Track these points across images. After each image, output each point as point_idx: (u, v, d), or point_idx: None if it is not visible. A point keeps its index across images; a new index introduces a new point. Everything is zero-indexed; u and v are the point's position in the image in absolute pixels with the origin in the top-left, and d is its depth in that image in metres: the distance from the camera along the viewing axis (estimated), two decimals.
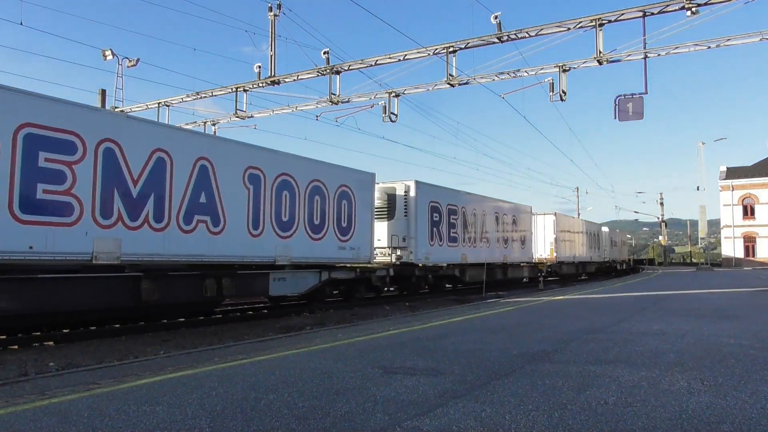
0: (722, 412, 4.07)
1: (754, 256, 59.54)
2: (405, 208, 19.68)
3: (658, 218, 75.75)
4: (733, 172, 62.31)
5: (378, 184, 19.35)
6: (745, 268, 48.48)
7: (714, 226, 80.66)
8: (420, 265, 19.90)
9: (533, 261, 31.27)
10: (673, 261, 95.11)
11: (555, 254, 32.89)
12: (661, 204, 73.59)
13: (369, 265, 17.85)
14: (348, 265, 17.02)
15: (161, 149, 11.49)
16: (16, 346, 9.74)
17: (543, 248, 32.95)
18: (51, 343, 10.16)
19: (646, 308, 12.78)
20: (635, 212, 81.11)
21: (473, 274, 23.71)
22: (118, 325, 12.01)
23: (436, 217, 20.98)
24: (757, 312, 11.99)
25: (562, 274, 34.76)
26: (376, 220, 18.89)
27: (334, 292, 17.68)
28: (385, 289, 19.60)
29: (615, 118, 16.79)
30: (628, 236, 71.43)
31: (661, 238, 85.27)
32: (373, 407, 4.25)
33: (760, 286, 22.37)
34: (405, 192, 19.83)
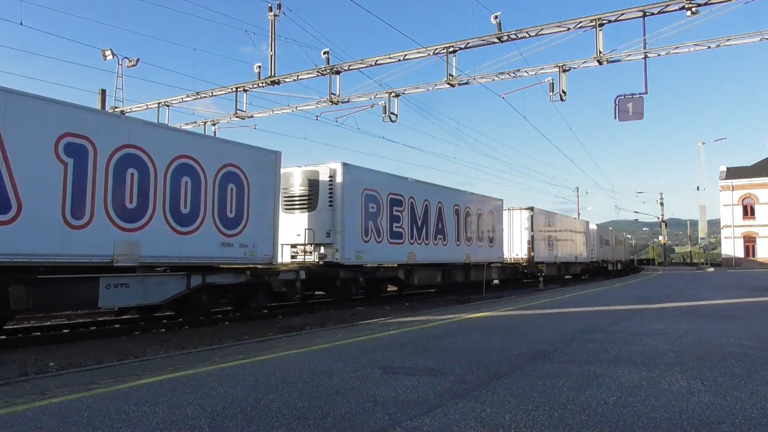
0: (722, 412, 4.07)
1: (754, 256, 59.54)
2: (330, 197, 16.40)
3: (658, 218, 75.85)
4: (733, 172, 62.32)
5: (299, 167, 16.80)
6: None
7: (714, 226, 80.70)
8: (347, 265, 16.58)
9: (505, 261, 27.80)
10: (673, 261, 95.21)
11: (532, 253, 29.32)
12: (661, 204, 73.70)
13: (269, 267, 14.43)
14: (236, 267, 13.65)
15: None
16: (16, 347, 9.74)
17: (519, 247, 29.49)
18: (51, 343, 10.17)
19: (646, 308, 12.79)
20: (635, 212, 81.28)
21: (425, 276, 20.51)
22: (118, 325, 12.00)
23: (372, 207, 17.53)
24: (757, 312, 12.00)
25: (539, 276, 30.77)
26: (296, 211, 16.50)
27: (223, 300, 14.18)
28: (299, 295, 16.12)
29: (615, 118, 16.78)
30: (629, 236, 71.24)
31: (661, 238, 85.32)
32: (373, 407, 4.25)
33: None
34: (330, 177, 16.46)
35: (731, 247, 61.02)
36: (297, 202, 16.73)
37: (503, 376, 5.36)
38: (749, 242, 60.55)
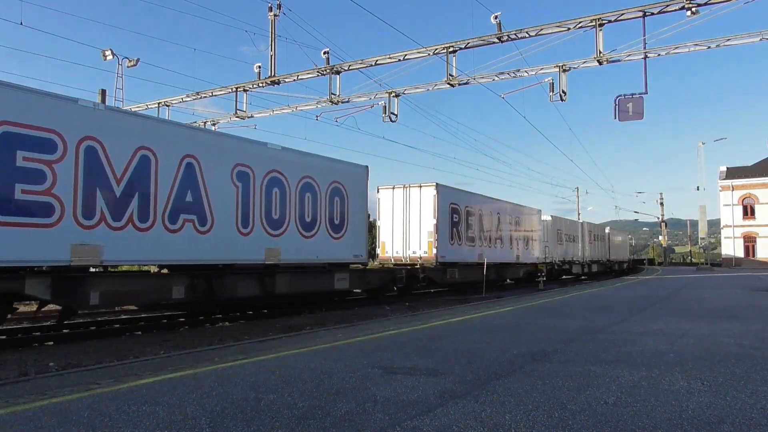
0: (722, 412, 4.07)
1: (754, 256, 59.54)
2: None
3: (658, 218, 75.95)
4: (733, 172, 62.33)
5: None
6: None
7: (714, 226, 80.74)
8: None
9: (366, 261, 18.39)
10: (673, 261, 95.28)
11: (435, 251, 20.76)
12: (661, 204, 73.78)
13: None
14: None
15: None
16: (16, 347, 9.74)
17: (418, 241, 21.15)
18: (51, 343, 10.16)
19: (646, 308, 12.78)
20: (635, 212, 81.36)
21: (135, 290, 11.57)
22: (117, 325, 12.00)
23: None
24: (757, 312, 11.99)
25: (450, 282, 21.67)
26: None
27: None
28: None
29: (615, 118, 16.83)
30: (629, 236, 70.88)
31: (661, 238, 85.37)
32: (373, 407, 4.25)
33: None
34: None
35: (731, 247, 61.02)
36: None
37: (503, 376, 5.36)
38: (749, 242, 60.54)
